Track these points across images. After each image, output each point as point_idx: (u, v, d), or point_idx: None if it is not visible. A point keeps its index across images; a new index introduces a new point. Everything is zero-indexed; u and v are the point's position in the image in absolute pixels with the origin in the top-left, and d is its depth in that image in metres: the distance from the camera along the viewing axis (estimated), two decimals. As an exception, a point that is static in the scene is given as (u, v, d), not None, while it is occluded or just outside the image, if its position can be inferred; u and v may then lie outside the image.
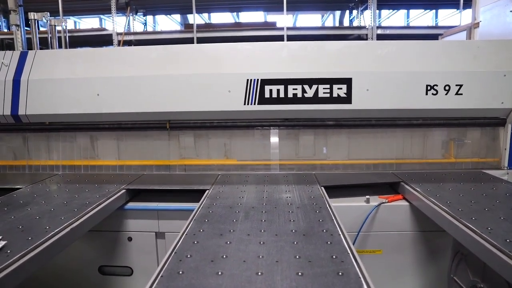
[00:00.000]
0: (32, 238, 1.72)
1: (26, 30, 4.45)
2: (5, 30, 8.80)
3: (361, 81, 2.70)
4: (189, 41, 7.65)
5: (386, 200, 2.46)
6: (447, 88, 2.65)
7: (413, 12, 11.13)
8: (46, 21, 3.24)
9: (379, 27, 7.53)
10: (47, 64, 2.90)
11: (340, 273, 1.36)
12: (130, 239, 2.52)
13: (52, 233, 1.78)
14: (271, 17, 11.60)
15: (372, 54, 2.78)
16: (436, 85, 2.67)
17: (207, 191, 2.42)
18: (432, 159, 3.02)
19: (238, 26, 9.00)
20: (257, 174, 2.89)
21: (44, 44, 3.93)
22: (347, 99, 2.72)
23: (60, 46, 3.86)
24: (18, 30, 4.08)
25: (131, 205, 2.51)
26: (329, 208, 2.07)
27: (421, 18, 10.87)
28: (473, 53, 2.71)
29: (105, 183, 2.68)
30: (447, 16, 10.04)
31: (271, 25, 8.68)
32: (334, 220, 1.88)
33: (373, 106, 2.72)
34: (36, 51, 2.98)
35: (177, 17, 11.59)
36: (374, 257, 2.47)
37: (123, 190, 2.51)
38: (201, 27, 8.17)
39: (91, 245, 2.58)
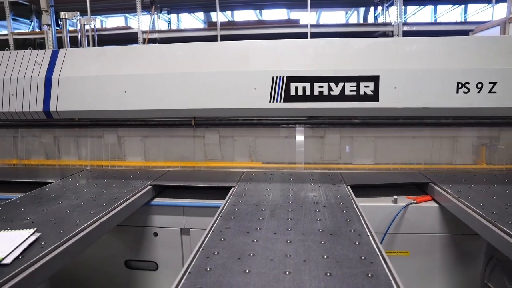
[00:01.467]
0: (64, 231, 1.76)
1: (55, 29, 4.59)
2: (37, 30, 9.07)
3: (388, 78, 2.64)
4: (212, 38, 7.69)
5: (415, 201, 2.40)
6: (479, 86, 2.56)
7: (441, 8, 10.83)
8: (76, 21, 3.32)
9: (405, 23, 7.36)
10: (76, 62, 2.97)
11: (369, 275, 1.33)
12: (155, 234, 2.56)
13: (83, 226, 1.82)
14: (294, 15, 11.51)
15: (400, 51, 2.71)
16: (468, 83, 2.58)
17: (232, 188, 2.42)
18: (461, 164, 2.92)
19: (261, 23, 8.98)
20: (282, 172, 2.88)
21: (73, 42, 4.03)
22: (374, 97, 2.66)
23: (88, 45, 3.95)
24: (49, 29, 4.19)
25: (157, 201, 2.55)
26: (356, 207, 2.04)
27: (449, 13, 10.56)
28: (508, 49, 2.61)
29: (131, 179, 2.72)
30: (477, 11, 9.71)
31: (295, 23, 8.62)
32: (362, 220, 1.85)
33: (401, 104, 2.66)
34: (67, 50, 3.05)
35: (200, 15, 11.67)
36: (401, 258, 2.43)
37: (150, 186, 2.54)
38: (224, 25, 8.19)
39: (118, 239, 2.63)
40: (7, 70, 3.04)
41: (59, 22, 8.42)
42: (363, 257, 1.46)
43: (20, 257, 1.49)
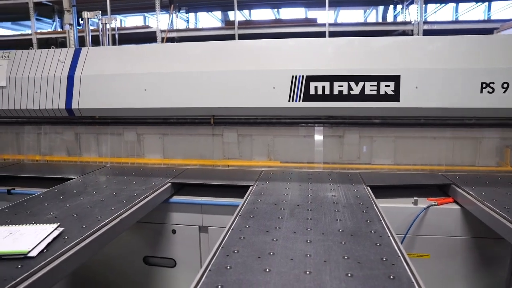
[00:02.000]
0: (85, 226, 1.79)
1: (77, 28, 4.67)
2: (59, 29, 9.25)
3: (410, 78, 2.60)
4: (230, 37, 7.71)
5: (436, 203, 2.36)
6: (505, 85, 2.49)
7: (463, 6, 10.58)
8: (98, 20, 3.37)
9: (425, 22, 7.22)
10: (98, 61, 3.02)
11: (391, 277, 1.31)
12: (174, 231, 2.58)
13: (104, 222, 1.85)
14: (312, 13, 11.44)
15: (422, 50, 2.66)
16: (493, 83, 2.51)
17: (251, 187, 2.43)
18: (484, 166, 2.84)
19: (278, 22, 8.95)
20: (301, 171, 2.87)
21: (94, 41, 4.09)
22: (395, 97, 2.63)
23: (109, 43, 4.00)
24: (71, 28, 4.26)
25: (176, 198, 2.57)
26: (376, 208, 2.01)
27: (471, 12, 10.31)
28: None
29: (151, 176, 2.75)
30: (502, 9, 9.45)
31: (312, 22, 8.56)
32: (383, 221, 1.83)
33: (423, 104, 2.61)
34: (89, 48, 3.11)
35: (218, 14, 11.71)
36: (421, 261, 2.39)
37: (169, 184, 2.57)
38: (242, 24, 8.20)
39: (136, 235, 2.66)
40: (32, 69, 3.11)
41: (80, 22, 8.58)
42: (384, 259, 1.44)
43: (44, 250, 1.53)
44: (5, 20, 10.47)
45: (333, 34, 7.54)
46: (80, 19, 8.12)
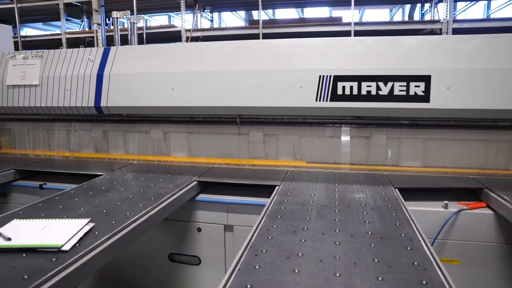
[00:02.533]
0: (115, 222, 1.82)
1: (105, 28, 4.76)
2: (86, 29, 9.49)
3: (441, 78, 2.52)
4: (254, 37, 7.70)
5: (467, 207, 2.29)
6: (543, 86, 2.40)
7: (495, 3, 10.23)
8: (126, 19, 3.43)
9: (455, 20, 7.02)
10: (126, 59, 3.07)
11: (424, 282, 1.28)
12: (199, 229, 2.60)
13: (133, 219, 1.88)
14: (337, 13, 11.32)
15: (454, 50, 2.58)
16: (530, 84, 2.42)
17: (277, 187, 2.42)
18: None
19: (302, 21, 8.89)
20: (327, 172, 2.84)
21: (120, 40, 4.16)
22: (425, 98, 2.56)
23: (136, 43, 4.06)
24: (99, 28, 4.35)
25: (202, 196, 2.58)
26: (405, 211, 1.97)
27: (503, 9, 9.94)
28: None
29: (177, 174, 2.78)
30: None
31: (337, 21, 8.46)
32: (413, 225, 1.79)
33: (454, 105, 2.54)
34: (118, 47, 3.17)
35: (242, 13, 11.74)
36: (451, 266, 2.32)
37: (195, 182, 2.58)
38: (266, 23, 8.17)
39: (162, 232, 2.69)
40: (63, 68, 3.19)
41: (107, 22, 8.73)
42: (416, 263, 1.41)
43: (77, 245, 1.56)
44: (37, 21, 10.81)
45: (358, 33, 7.43)
46: (107, 18, 8.32)
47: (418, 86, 2.56)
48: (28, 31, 11.59)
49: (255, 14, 10.97)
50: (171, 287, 2.75)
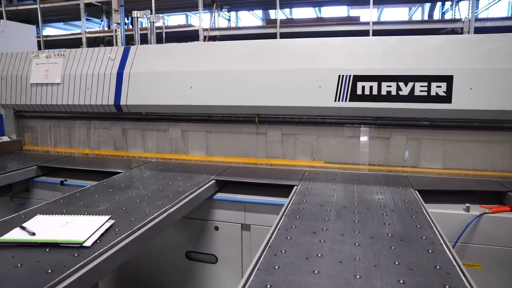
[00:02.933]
0: (135, 219, 1.84)
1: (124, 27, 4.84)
2: (106, 29, 9.64)
3: (464, 78, 2.47)
4: (271, 36, 7.70)
5: (490, 211, 2.23)
6: None
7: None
8: (147, 19, 3.47)
9: (477, 19, 6.87)
10: (146, 58, 3.11)
11: (447, 286, 1.26)
12: (216, 228, 2.61)
13: (152, 216, 1.90)
14: (354, 12, 11.22)
15: (477, 49, 2.52)
16: (558, 84, 2.35)
17: (295, 187, 2.41)
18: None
19: (320, 21, 8.84)
20: (345, 172, 2.82)
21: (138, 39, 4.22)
22: (447, 98, 2.51)
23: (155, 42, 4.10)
24: (118, 27, 4.41)
25: (220, 195, 2.59)
26: (426, 213, 1.94)
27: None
28: None
29: (195, 173, 2.80)
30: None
31: (355, 20, 8.39)
32: (434, 227, 1.75)
33: (478, 106, 2.48)
34: (137, 46, 3.20)
35: (259, 12, 11.75)
36: (472, 271, 2.23)
37: (213, 181, 2.60)
38: (283, 22, 8.16)
39: (180, 230, 2.71)
40: (84, 66, 3.24)
41: (126, 21, 8.85)
42: (438, 267, 1.39)
43: (98, 241, 1.59)
44: (59, 21, 11.05)
45: (377, 33, 7.35)
46: (126, 18, 8.43)
47: (440, 87, 2.51)
48: (49, 31, 11.85)
49: (272, 13, 10.96)
50: (187, 285, 2.77)
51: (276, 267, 1.37)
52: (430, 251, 1.52)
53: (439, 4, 9.31)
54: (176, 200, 2.16)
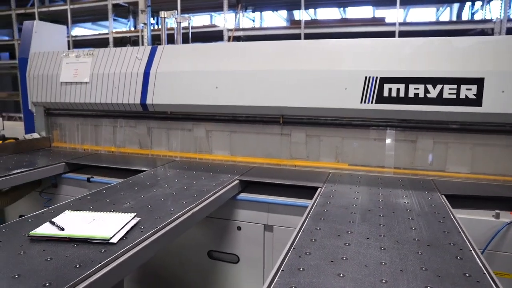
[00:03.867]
0: (159, 218, 1.87)
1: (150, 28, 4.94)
2: (132, 29, 9.84)
3: (495, 81, 2.40)
4: (295, 37, 7.68)
5: (521, 218, 2.16)
6: None
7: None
8: (174, 19, 3.52)
9: (509, 19, 6.64)
10: (172, 58, 3.15)
11: (477, 295, 1.22)
12: (239, 228, 2.61)
13: (177, 215, 1.92)
14: (380, 12, 11.06)
15: (510, 51, 2.44)
16: None
17: (319, 189, 2.39)
18: None
19: (345, 22, 8.76)
20: (370, 175, 2.78)
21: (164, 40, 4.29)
22: (477, 101, 2.45)
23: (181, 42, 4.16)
24: (145, 27, 4.49)
25: (243, 195, 2.59)
26: (454, 219, 1.89)
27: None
28: None
29: (219, 172, 2.81)
30: None
31: (380, 21, 8.28)
32: (462, 234, 1.71)
33: (510, 110, 2.40)
34: (164, 46, 3.25)
35: (283, 13, 11.73)
36: (501, 280, 2.16)
37: (237, 181, 2.60)
38: (308, 23, 8.13)
39: (203, 229, 2.73)
40: (112, 66, 3.32)
41: (152, 21, 9.00)
42: (467, 274, 1.35)
43: (124, 238, 1.62)
44: (87, 21, 11.36)
45: (403, 34, 7.23)
46: (152, 18, 8.58)
47: (470, 89, 2.45)
48: (78, 31, 12.18)
49: (296, 14, 10.92)
50: (209, 284, 2.79)
51: (301, 269, 1.36)
52: (458, 257, 1.48)
53: (468, 4, 9.07)
54: (200, 199, 2.17)
